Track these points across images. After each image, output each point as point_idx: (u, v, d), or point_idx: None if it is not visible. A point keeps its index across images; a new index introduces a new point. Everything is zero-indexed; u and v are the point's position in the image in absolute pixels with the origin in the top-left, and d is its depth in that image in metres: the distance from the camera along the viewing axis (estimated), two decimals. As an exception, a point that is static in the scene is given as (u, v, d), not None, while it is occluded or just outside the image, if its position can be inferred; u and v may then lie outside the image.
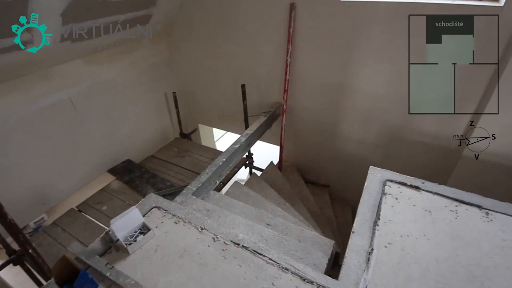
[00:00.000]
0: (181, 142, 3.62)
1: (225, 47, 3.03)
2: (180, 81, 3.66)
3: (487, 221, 1.34)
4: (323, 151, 3.12)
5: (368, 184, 1.58)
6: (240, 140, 2.46)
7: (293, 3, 2.39)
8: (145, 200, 1.58)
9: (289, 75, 2.74)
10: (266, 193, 2.54)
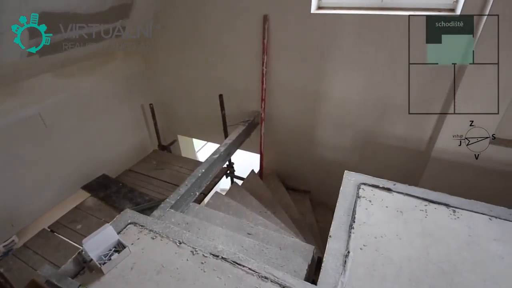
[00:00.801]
0: (160, 154, 3.55)
1: (202, 58, 3.04)
2: (157, 92, 3.62)
3: (454, 218, 1.41)
4: (302, 157, 3.18)
5: (343, 188, 1.63)
6: (219, 150, 2.45)
7: (266, 15, 2.45)
8: (120, 217, 1.54)
9: (266, 84, 2.79)
10: (247, 202, 2.54)
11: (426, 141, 2.39)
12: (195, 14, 2.77)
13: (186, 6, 2.76)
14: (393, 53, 2.16)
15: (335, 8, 2.30)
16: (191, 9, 2.76)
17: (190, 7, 2.75)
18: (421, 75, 2.13)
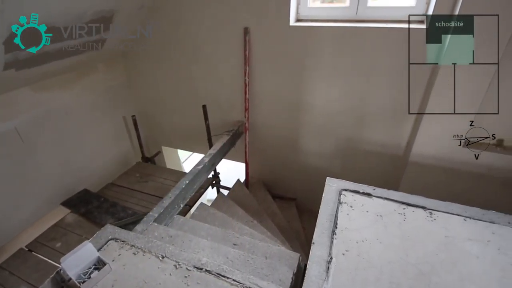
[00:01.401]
0: (144, 167, 3.50)
1: (185, 69, 3.06)
2: (140, 103, 3.59)
3: (431, 220, 1.46)
4: (287, 165, 3.21)
5: (325, 195, 1.66)
6: (204, 161, 2.45)
7: (246, 27, 2.51)
8: (100, 233, 1.50)
9: (249, 94, 2.82)
10: (233, 212, 2.53)
11: (404, 146, 2.49)
12: (177, 26, 2.79)
13: (168, 18, 2.78)
14: (369, 63, 2.25)
15: (313, 21, 2.38)
16: (173, 21, 2.78)
17: (172, 19, 2.78)
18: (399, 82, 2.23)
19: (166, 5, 2.69)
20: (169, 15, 2.76)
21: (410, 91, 2.14)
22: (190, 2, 2.59)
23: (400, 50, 2.10)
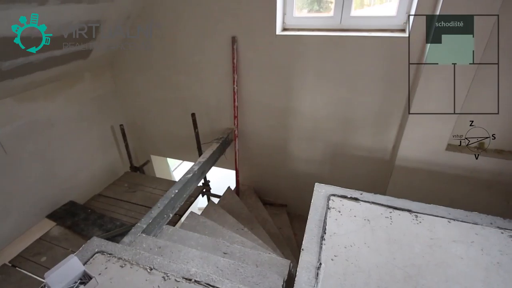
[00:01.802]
0: (132, 176, 3.45)
1: (173, 78, 3.06)
2: (128, 113, 3.56)
3: (417, 223, 1.50)
4: (277, 171, 3.22)
5: (314, 200, 1.67)
6: (193, 169, 2.43)
7: (234, 36, 2.54)
8: (86, 246, 1.47)
9: (238, 102, 2.84)
10: (223, 220, 2.51)
11: (390, 151, 2.54)
12: (165, 34, 2.80)
13: (155, 27, 2.79)
14: (354, 70, 2.31)
15: (299, 30, 2.44)
16: (161, 30, 2.79)
17: (160, 28, 2.78)
18: (382, 88, 2.30)
19: (154, 15, 2.70)
20: (157, 24, 2.76)
21: (410, 91, 2.13)
22: (178, 12, 2.61)
23: (382, 57, 2.17)
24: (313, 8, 2.56)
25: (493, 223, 1.51)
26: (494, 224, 1.51)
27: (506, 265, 1.30)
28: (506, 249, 1.38)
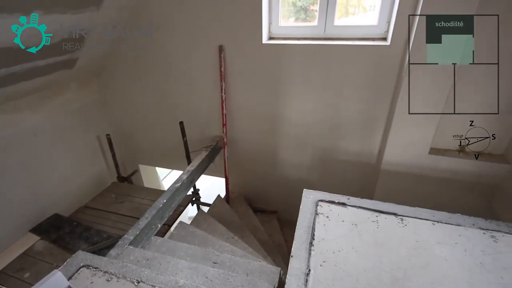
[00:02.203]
0: (120, 187, 3.39)
1: (161, 86, 3.05)
2: (115, 122, 3.51)
3: (402, 226, 1.53)
4: (267, 178, 3.24)
5: (302, 206, 1.69)
6: (182, 178, 2.42)
7: (221, 45, 2.57)
8: (71, 260, 1.43)
9: (226, 110, 2.86)
10: (213, 229, 2.49)
11: (376, 155, 2.60)
12: (152, 43, 2.80)
13: (142, 36, 2.79)
14: (339, 77, 2.37)
15: (284, 39, 2.49)
16: (149, 39, 2.79)
17: (147, 37, 2.78)
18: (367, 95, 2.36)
19: (141, 24, 2.70)
20: (144, 32, 2.76)
21: (410, 91, 2.07)
22: (165, 21, 2.63)
23: (365, 65, 2.23)
24: (299, 17, 2.62)
25: (475, 224, 1.56)
26: (476, 225, 1.56)
27: (488, 265, 1.34)
28: (488, 249, 1.42)
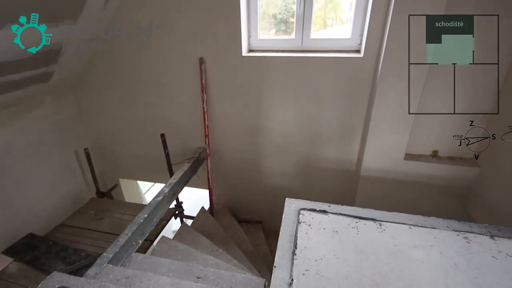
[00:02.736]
0: (99, 202, 3.27)
1: (142, 99, 3.02)
2: (94, 135, 3.42)
3: (381, 231, 1.57)
4: (251, 188, 3.24)
5: (285, 216, 1.70)
6: (164, 191, 2.38)
7: (201, 57, 2.59)
8: (46, 282, 1.36)
9: (208, 121, 2.86)
10: (197, 243, 2.45)
11: (355, 162, 2.68)
12: (132, 56, 2.79)
13: (122, 48, 2.77)
14: (317, 88, 2.44)
15: (263, 51, 2.55)
16: (128, 51, 2.78)
17: (126, 49, 2.77)
18: (343, 104, 2.44)
19: (120, 37, 2.69)
20: (124, 45, 2.75)
21: (410, 92, 2.05)
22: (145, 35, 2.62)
23: (341, 76, 2.33)
24: (280, 29, 2.69)
25: (449, 226, 1.63)
26: (450, 227, 1.63)
27: (462, 266, 1.40)
28: (461, 250, 1.48)
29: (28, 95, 2.64)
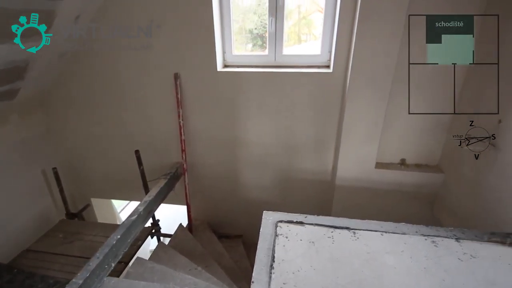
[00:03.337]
0: (69, 224, 3.09)
1: (115, 115, 2.95)
2: (64, 154, 3.27)
3: (355, 239, 1.62)
4: (230, 201, 3.22)
5: (262, 229, 1.71)
6: (138, 210, 2.30)
7: (176, 73, 2.60)
8: (5, 316, 1.26)
9: (185, 136, 2.84)
10: (175, 262, 2.38)
11: (330, 172, 2.76)
12: (105, 71, 2.74)
13: (93, 64, 2.72)
14: (290, 101, 2.52)
15: (238, 66, 2.61)
16: (101, 67, 2.73)
17: (97, 64, 2.72)
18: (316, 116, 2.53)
19: (92, 52, 2.64)
20: (95, 61, 2.70)
21: (410, 92, 2.02)
22: (118, 50, 2.59)
23: (313, 90, 2.43)
24: (257, 43, 2.76)
25: (418, 231, 1.71)
26: (419, 232, 1.71)
27: (431, 269, 1.47)
28: (430, 254, 1.55)
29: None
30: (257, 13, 2.61)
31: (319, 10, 2.41)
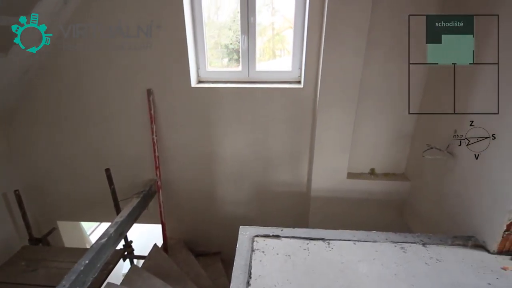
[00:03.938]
0: (32, 251, 2.86)
1: (83, 131, 2.84)
2: (27, 175, 3.07)
3: (329, 250, 1.65)
4: (207, 218, 3.16)
5: (239, 245, 1.70)
6: (108, 232, 2.19)
7: (149, 89, 2.57)
8: None
9: (159, 152, 2.78)
10: (149, 286, 2.27)
11: (305, 184, 2.81)
12: (74, 87, 2.64)
13: (59, 78, 2.61)
14: (264, 116, 2.57)
15: (212, 82, 2.64)
16: (70, 83, 2.63)
17: (68, 80, 2.62)
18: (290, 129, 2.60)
19: (61, 67, 2.55)
20: (65, 76, 2.60)
21: (409, 95, 2.12)
22: (88, 64, 2.53)
23: (286, 104, 2.50)
24: (233, 58, 2.79)
25: (388, 238, 1.78)
26: (389, 239, 1.78)
27: (401, 275, 1.52)
28: (399, 260, 1.61)
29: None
30: (232, 29, 2.68)
31: (290, 27, 2.52)
